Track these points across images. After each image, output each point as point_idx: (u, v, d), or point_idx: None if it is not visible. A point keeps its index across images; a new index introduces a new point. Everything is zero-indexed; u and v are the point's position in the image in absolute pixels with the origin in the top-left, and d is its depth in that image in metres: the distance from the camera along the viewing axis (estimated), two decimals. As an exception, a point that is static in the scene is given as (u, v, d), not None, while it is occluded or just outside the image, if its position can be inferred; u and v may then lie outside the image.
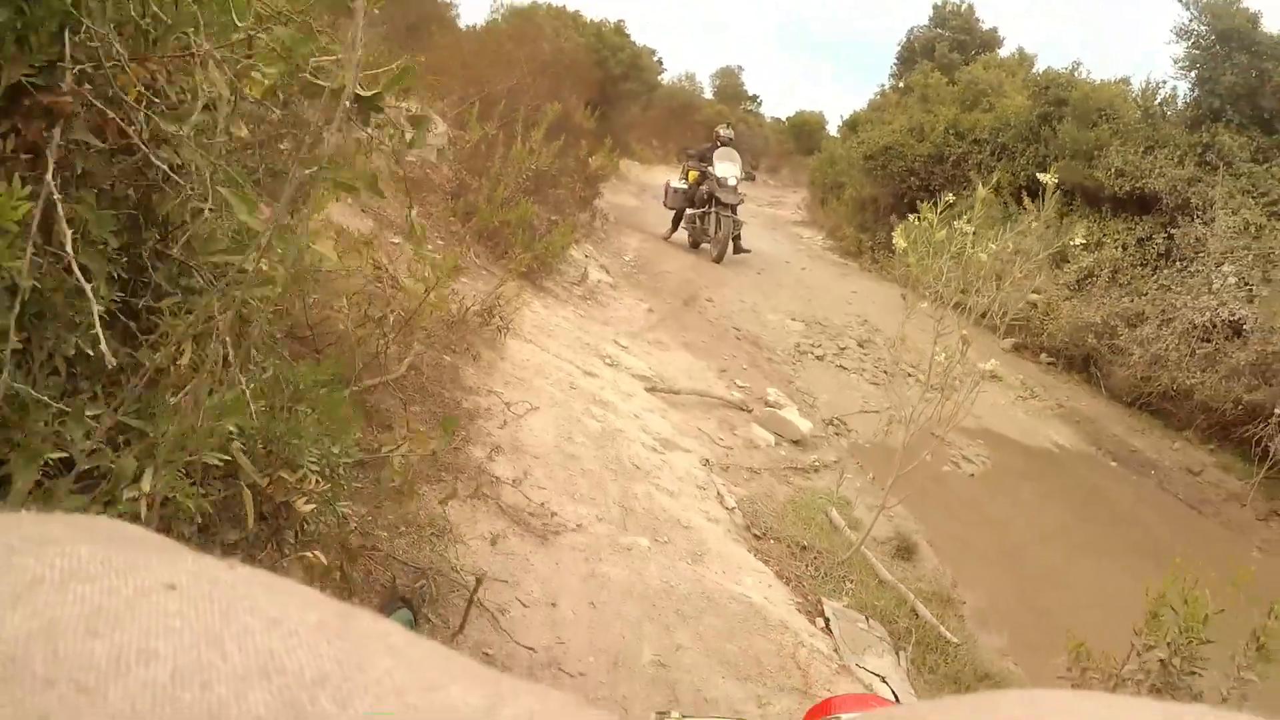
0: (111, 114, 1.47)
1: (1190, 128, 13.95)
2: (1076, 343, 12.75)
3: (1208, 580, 3.25)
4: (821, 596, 4.78)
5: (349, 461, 2.08)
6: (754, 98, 49.11)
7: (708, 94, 43.60)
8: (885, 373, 10.38)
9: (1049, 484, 8.91)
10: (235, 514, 1.91)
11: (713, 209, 14.90)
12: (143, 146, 1.49)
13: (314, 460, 1.94)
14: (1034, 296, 12.52)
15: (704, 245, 15.42)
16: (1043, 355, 13.19)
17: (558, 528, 4.20)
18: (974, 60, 24.59)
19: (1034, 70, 20.31)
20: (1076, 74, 16.78)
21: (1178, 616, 3.03)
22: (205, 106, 1.50)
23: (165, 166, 1.52)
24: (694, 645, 3.69)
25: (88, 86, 1.43)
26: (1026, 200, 14.72)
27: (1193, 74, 14.34)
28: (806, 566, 5.14)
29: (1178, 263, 12.54)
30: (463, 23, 19.06)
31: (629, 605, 3.85)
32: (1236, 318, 11.05)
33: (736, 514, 5.49)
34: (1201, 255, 12.19)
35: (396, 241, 5.54)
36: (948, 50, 28.54)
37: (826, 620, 4.53)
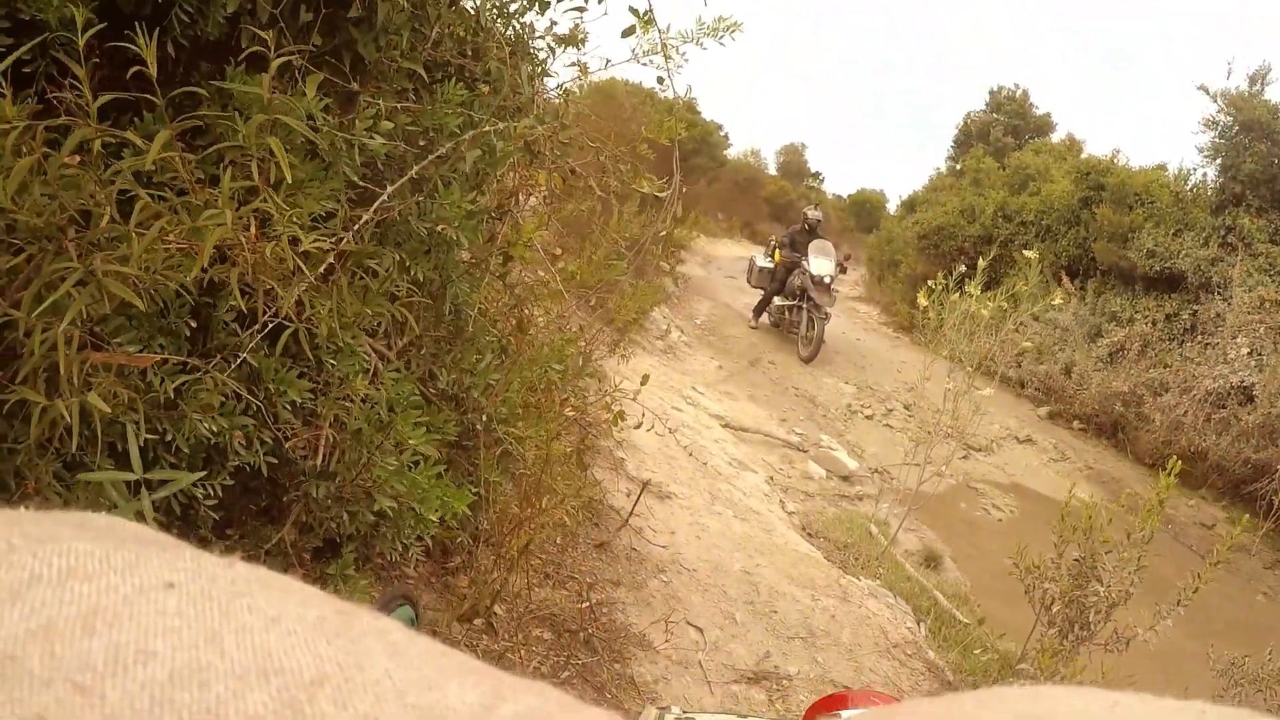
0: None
1: (1214, 211, 14.56)
2: (1106, 410, 13.42)
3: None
4: (859, 576, 6.07)
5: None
6: (816, 174, 47.40)
7: (771, 169, 43.51)
8: (928, 432, 11.44)
9: (1070, 532, 9.83)
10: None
11: (805, 305, 13.91)
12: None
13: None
14: (1037, 353, 13.50)
15: (789, 331, 14.61)
16: (1075, 422, 13.84)
17: (669, 495, 5.66)
18: (1027, 144, 25.16)
19: (1082, 155, 20.45)
20: (1116, 160, 17.26)
21: (1083, 522, 4.34)
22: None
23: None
24: (769, 566, 5.18)
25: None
26: (1065, 278, 15.77)
27: (1217, 161, 14.87)
28: (847, 557, 6.39)
29: (1200, 336, 13.29)
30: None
31: (723, 541, 5.33)
32: (1247, 384, 11.92)
33: (794, 518, 6.85)
34: (1220, 329, 12.94)
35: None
36: (1002, 134, 28.14)
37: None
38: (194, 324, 1.90)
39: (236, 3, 1.91)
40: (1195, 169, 15.96)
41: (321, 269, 1.93)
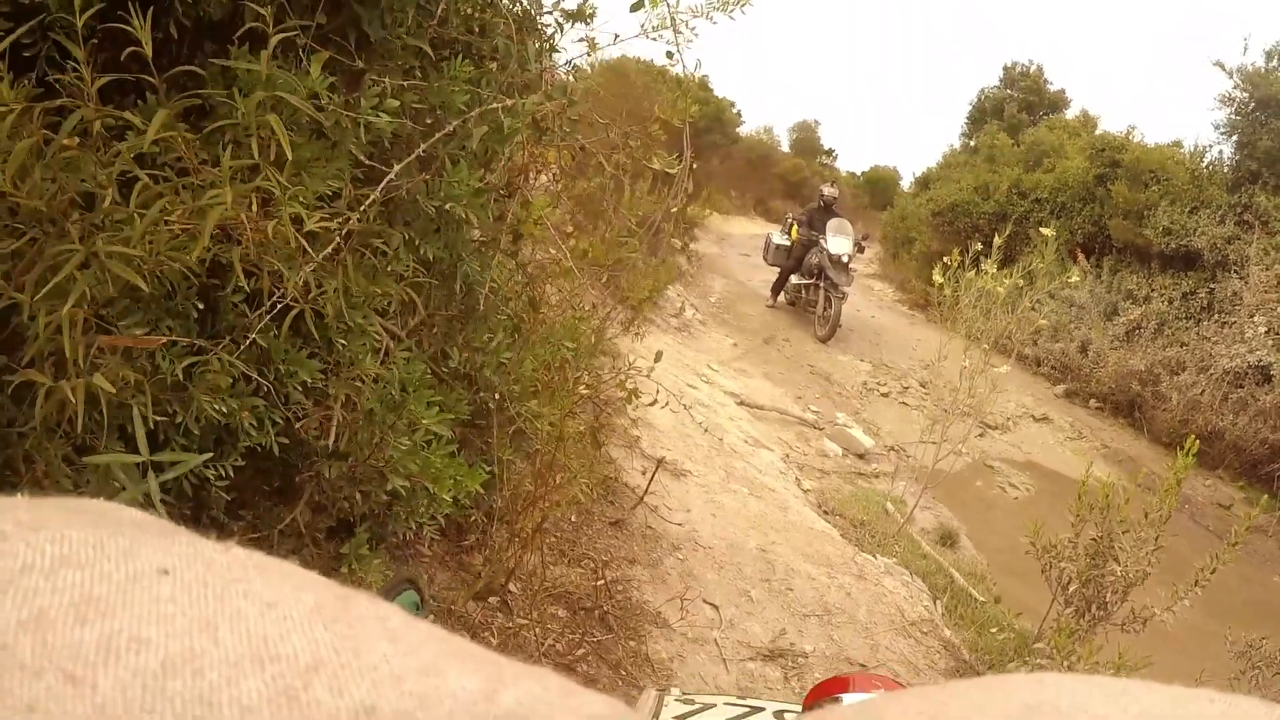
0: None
1: (1230, 189, 14.34)
2: (1122, 389, 13.25)
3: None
4: (875, 554, 6.05)
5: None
6: (830, 152, 46.99)
7: (785, 147, 43.38)
8: (944, 410, 11.43)
9: (1087, 511, 9.78)
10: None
11: (822, 285, 13.81)
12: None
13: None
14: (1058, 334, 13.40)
15: (806, 310, 14.51)
16: (1091, 401, 13.72)
17: (684, 472, 5.65)
18: (1041, 121, 25.08)
19: (1097, 131, 20.33)
20: (1131, 137, 17.22)
21: (1100, 501, 4.30)
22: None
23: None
24: (784, 544, 5.16)
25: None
26: (1080, 256, 15.67)
27: (1233, 139, 14.70)
28: (863, 535, 6.37)
29: (1217, 315, 13.15)
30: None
31: (738, 519, 5.32)
32: (1264, 364, 11.81)
33: (810, 495, 6.83)
34: (1237, 308, 12.81)
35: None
36: (1016, 111, 27.97)
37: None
38: (202, 306, 1.89)
39: (238, -18, 1.89)
40: (1211, 146, 15.85)
41: (329, 249, 1.92)
